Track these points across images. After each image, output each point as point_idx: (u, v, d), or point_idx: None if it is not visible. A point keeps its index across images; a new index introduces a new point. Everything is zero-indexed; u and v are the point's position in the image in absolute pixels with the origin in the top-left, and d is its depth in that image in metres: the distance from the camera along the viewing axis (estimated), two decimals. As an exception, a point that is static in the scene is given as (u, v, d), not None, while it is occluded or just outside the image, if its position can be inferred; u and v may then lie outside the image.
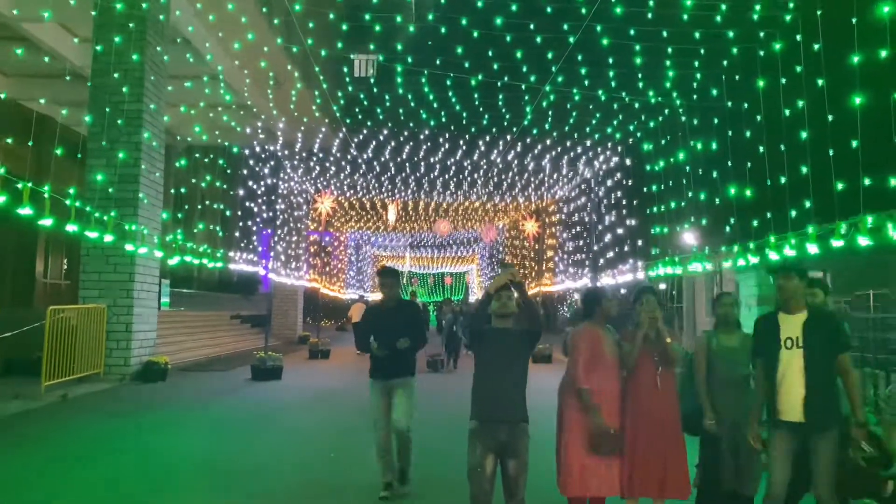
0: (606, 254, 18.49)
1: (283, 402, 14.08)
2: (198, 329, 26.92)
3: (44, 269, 30.19)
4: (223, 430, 11.17)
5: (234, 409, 13.33)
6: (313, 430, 11.31)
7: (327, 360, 23.73)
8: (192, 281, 47.22)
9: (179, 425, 10.76)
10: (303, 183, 23.23)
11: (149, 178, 16.87)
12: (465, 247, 55.62)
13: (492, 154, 19.47)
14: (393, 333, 6.95)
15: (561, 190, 24.22)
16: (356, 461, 8.94)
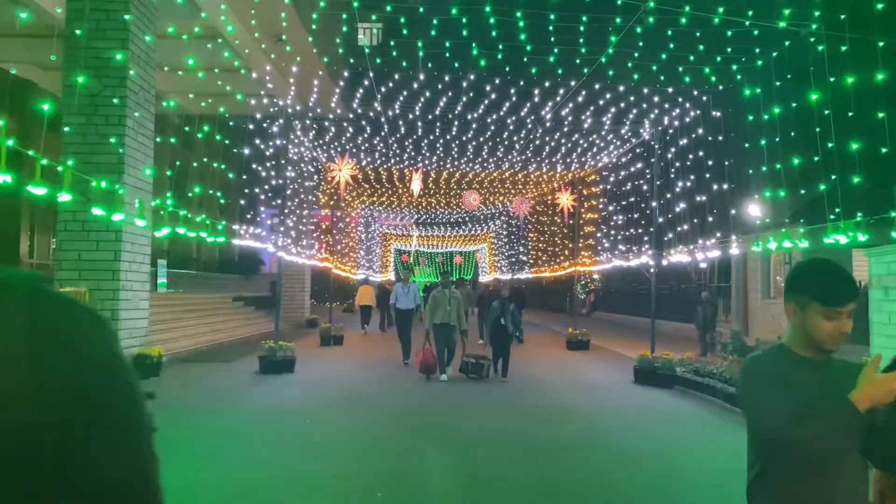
0: (677, 226, 16.03)
1: (300, 405, 11.84)
2: (198, 313, 25.02)
3: (29, 248, 27.87)
4: (229, 447, 8.78)
5: (241, 414, 11.07)
6: (347, 448, 8.94)
7: (341, 346, 22.33)
8: (191, 261, 45.66)
9: (174, 440, 8.30)
10: (314, 149, 20.68)
11: (138, 129, 14.46)
12: (480, 224, 53.15)
13: (538, 108, 16.94)
14: None
15: (611, 154, 21.68)
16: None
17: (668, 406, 12.94)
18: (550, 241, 36.43)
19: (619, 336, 27.98)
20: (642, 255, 17.93)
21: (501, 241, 55.58)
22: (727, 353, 15.70)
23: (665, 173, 17.02)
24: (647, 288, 38.98)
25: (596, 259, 23.07)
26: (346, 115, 18.78)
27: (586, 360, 19.61)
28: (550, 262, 34.56)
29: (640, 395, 14.16)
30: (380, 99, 16.10)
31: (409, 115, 17.23)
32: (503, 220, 50.43)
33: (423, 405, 12.02)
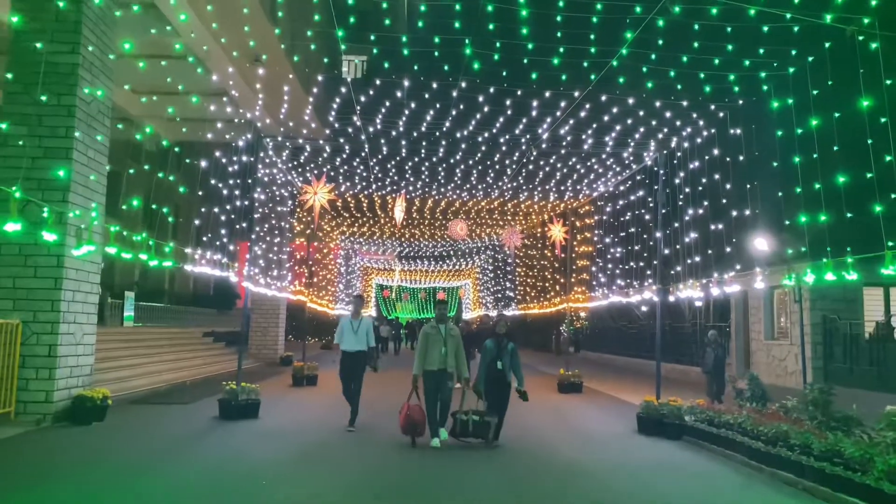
0: (687, 258, 14.62)
1: (258, 461, 10.19)
2: (162, 349, 23.47)
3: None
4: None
5: (186, 472, 9.38)
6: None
7: (315, 386, 20.67)
8: (163, 294, 43.88)
9: None
10: (288, 171, 19.05)
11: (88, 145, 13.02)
12: (465, 258, 51.69)
13: (535, 125, 15.54)
14: None
15: (609, 180, 20.26)
16: None
17: (682, 462, 11.39)
18: (539, 276, 34.97)
19: (610, 377, 26.52)
20: (644, 291, 16.48)
21: (487, 276, 54.05)
22: (744, 400, 14.23)
23: (671, 200, 15.66)
24: (636, 326, 38.09)
25: (591, 295, 21.59)
26: (321, 132, 17.35)
27: (581, 406, 18.02)
28: (539, 297, 33.07)
29: (648, 448, 12.59)
30: (359, 113, 14.64)
31: (391, 132, 15.75)
32: (489, 255, 49.00)
33: (401, 466, 10.32)
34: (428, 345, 11.41)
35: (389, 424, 12.85)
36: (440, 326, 11.50)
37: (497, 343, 11.64)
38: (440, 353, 11.25)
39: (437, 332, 11.46)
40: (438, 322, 11.61)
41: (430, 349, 11.37)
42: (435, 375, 11.34)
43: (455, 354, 11.35)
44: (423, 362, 11.36)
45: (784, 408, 12.54)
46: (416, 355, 11.53)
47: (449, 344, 11.36)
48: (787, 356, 21.86)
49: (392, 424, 13.30)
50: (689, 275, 14.89)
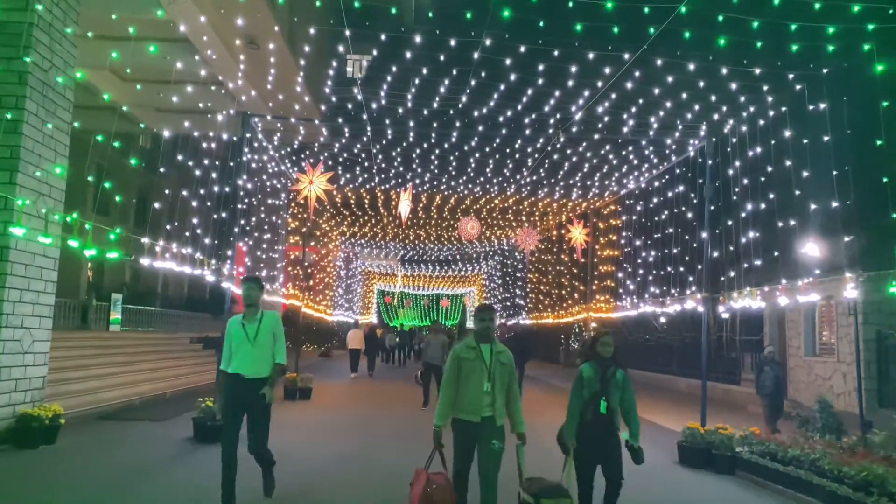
0: (745, 261, 12.63)
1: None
2: (144, 356, 21.94)
3: None
4: None
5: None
6: None
7: (308, 400, 18.77)
8: (155, 297, 42.19)
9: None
10: (280, 160, 17.04)
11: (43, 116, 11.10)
12: (472, 263, 49.66)
13: (568, 100, 13.51)
14: None
15: (644, 173, 18.16)
16: None
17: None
18: (555, 283, 32.90)
19: (630, 394, 24.38)
20: (686, 300, 14.46)
21: (494, 282, 51.94)
22: (813, 430, 12.23)
23: (722, 194, 13.67)
24: (654, 338, 36.07)
25: (617, 304, 19.57)
26: (316, 110, 15.37)
27: None
28: (554, 306, 31.01)
29: (695, 483, 10.66)
30: (360, 83, 12.63)
31: (398, 108, 13.68)
32: (498, 260, 46.91)
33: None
34: (461, 376, 6.74)
35: (389, 444, 10.86)
36: (482, 347, 6.79)
37: (599, 370, 7.04)
38: (483, 392, 6.63)
39: (478, 356, 6.74)
40: (480, 340, 6.85)
41: (465, 384, 6.71)
42: (474, 430, 6.61)
43: (508, 392, 6.79)
44: (454, 405, 6.77)
45: (868, 442, 10.59)
46: (441, 392, 6.90)
47: (498, 377, 6.70)
48: (832, 375, 19.81)
49: (389, 445, 11.36)
50: (744, 281, 12.89)
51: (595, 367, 7.07)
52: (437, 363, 16.81)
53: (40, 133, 11.36)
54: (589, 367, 7.10)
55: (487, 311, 7.09)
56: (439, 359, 16.85)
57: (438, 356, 16.91)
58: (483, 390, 6.62)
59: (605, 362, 7.08)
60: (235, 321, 7.76)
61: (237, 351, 7.58)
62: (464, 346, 6.89)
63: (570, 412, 7.01)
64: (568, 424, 6.97)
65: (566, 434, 6.96)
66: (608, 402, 6.89)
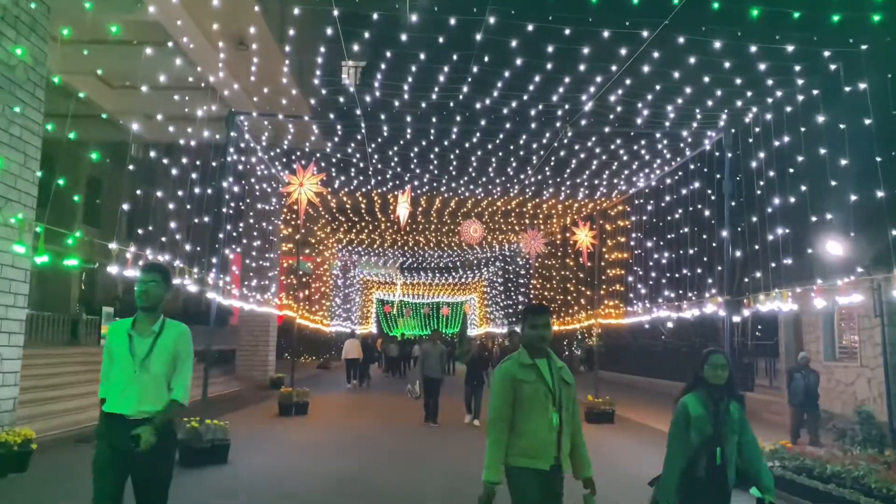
0: (772, 261, 11.72)
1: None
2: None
3: None
4: None
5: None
6: None
7: (304, 415, 17.71)
8: (150, 310, 40.99)
9: None
10: (271, 163, 16.07)
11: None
12: (472, 270, 48.69)
13: (577, 87, 12.57)
14: None
15: (656, 170, 17.20)
16: None
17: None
18: (559, 288, 31.93)
19: (637, 402, 23.63)
20: (705, 303, 13.53)
21: (496, 289, 50.94)
22: (851, 444, 11.27)
23: (744, 189, 12.76)
24: (660, 344, 35.12)
25: (627, 309, 18.70)
26: (304, 105, 14.44)
27: (619, 440, 15.06)
28: (559, 312, 30.07)
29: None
30: (354, 84, 11.71)
31: (394, 101, 12.73)
32: (499, 266, 45.94)
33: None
34: (519, 406, 4.74)
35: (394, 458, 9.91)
36: (539, 364, 4.81)
37: (710, 404, 5.00)
38: (551, 426, 4.69)
39: (538, 376, 4.77)
40: (535, 354, 4.86)
41: (524, 417, 4.72)
42: (543, 482, 4.69)
43: (573, 423, 4.86)
44: (508, 447, 4.71)
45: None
46: (490, 432, 4.73)
47: (566, 404, 4.80)
48: (855, 380, 18.83)
49: (394, 459, 10.40)
50: (771, 282, 11.95)
51: (704, 401, 4.96)
52: (436, 375, 15.77)
53: (6, 134, 10.46)
54: (695, 401, 4.99)
55: (541, 313, 4.92)
56: (438, 370, 15.84)
57: (437, 368, 15.88)
58: (551, 424, 4.62)
59: (716, 392, 4.97)
60: (119, 328, 5.05)
61: (117, 376, 4.92)
62: (516, 364, 4.79)
63: (670, 464, 4.99)
64: (667, 480, 5.00)
65: (664, 495, 4.99)
66: (724, 451, 4.90)
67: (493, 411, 4.73)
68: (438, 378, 15.68)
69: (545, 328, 4.85)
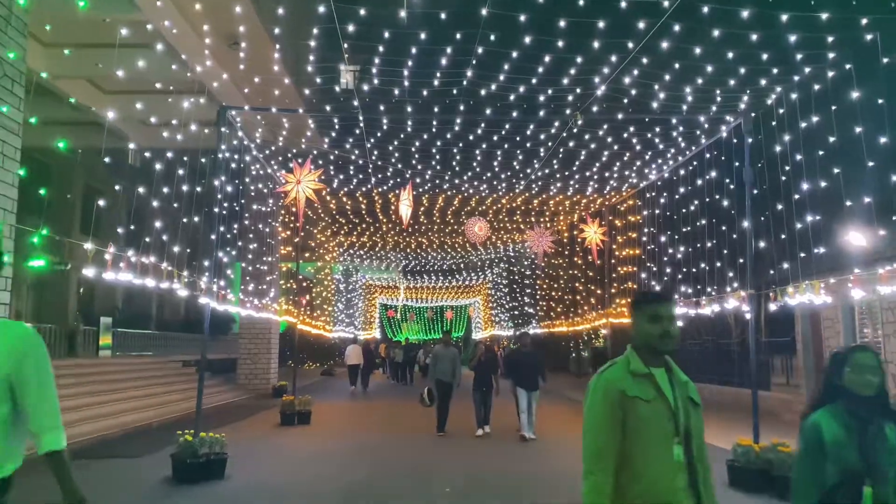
0: (802, 251, 10.99)
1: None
2: (132, 383, 20.46)
3: None
4: None
5: None
6: None
7: (307, 425, 17.05)
8: (150, 319, 40.65)
9: None
10: (267, 162, 15.33)
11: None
12: (476, 272, 47.93)
13: (580, 88, 11.90)
14: None
15: (666, 164, 16.46)
16: None
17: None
18: (567, 288, 31.18)
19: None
20: (727, 299, 12.76)
21: (501, 291, 50.13)
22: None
23: (772, 175, 12.02)
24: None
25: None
26: (297, 98, 13.71)
27: None
28: (568, 313, 29.33)
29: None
30: (347, 58, 10.96)
31: (393, 89, 11.97)
32: (504, 267, 45.16)
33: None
34: (631, 432, 3.21)
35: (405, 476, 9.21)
36: (656, 374, 3.35)
37: (856, 425, 3.48)
38: (674, 462, 3.18)
39: (657, 392, 3.29)
40: (650, 361, 3.38)
41: (638, 447, 3.20)
42: None
43: (704, 462, 3.31)
44: (617, 495, 3.19)
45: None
46: (585, 471, 3.22)
47: (694, 431, 3.28)
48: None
49: (405, 477, 9.68)
50: (801, 274, 11.22)
51: (845, 420, 3.52)
52: (448, 379, 14.99)
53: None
54: (832, 421, 3.55)
55: (665, 302, 3.42)
56: (449, 374, 14.95)
57: (448, 372, 14.97)
58: (673, 458, 3.18)
59: (863, 408, 3.52)
60: None
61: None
62: (623, 373, 3.33)
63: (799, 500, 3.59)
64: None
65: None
66: (876, 487, 3.38)
67: (590, 442, 3.23)
68: (450, 382, 14.88)
69: (670, 322, 3.34)
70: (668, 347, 3.36)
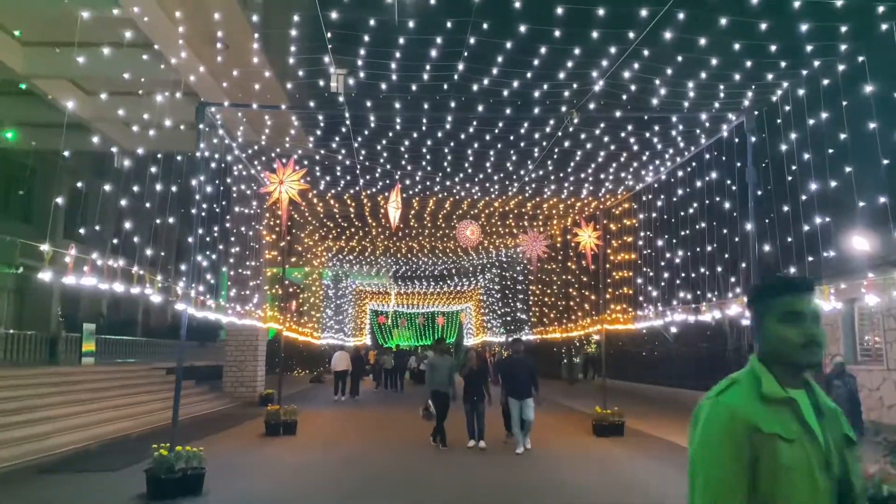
0: (809, 255, 10.50)
1: None
2: (113, 392, 19.68)
3: None
4: None
5: None
6: None
7: (293, 436, 16.38)
8: (136, 326, 39.93)
9: None
10: (250, 163, 14.66)
11: None
12: (468, 277, 47.31)
13: (577, 83, 11.38)
14: None
15: (663, 166, 15.93)
16: None
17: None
18: (560, 294, 30.64)
19: (646, 411, 22.40)
20: (730, 305, 12.21)
21: (492, 296, 49.51)
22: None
23: (777, 175, 11.53)
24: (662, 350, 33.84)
25: (637, 313, 17.38)
26: (280, 93, 13.11)
27: (634, 458, 13.77)
28: (561, 319, 28.79)
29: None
30: (331, 51, 10.38)
31: (380, 84, 11.40)
32: (495, 273, 44.59)
33: None
34: (774, 487, 2.17)
35: None
36: (798, 399, 2.30)
37: None
38: None
39: (801, 429, 2.25)
40: (788, 378, 2.33)
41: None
42: None
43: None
44: None
45: None
46: None
47: (855, 478, 2.26)
48: (881, 384, 17.57)
49: None
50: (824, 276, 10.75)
51: None
52: (446, 390, 14.13)
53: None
54: None
55: (806, 291, 2.39)
56: (447, 385, 14.14)
57: (446, 381, 14.15)
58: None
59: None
60: None
61: None
62: (751, 397, 2.31)
63: None
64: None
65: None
66: None
67: (704, 498, 2.25)
68: (448, 393, 14.11)
69: (815, 323, 2.35)
70: (814, 360, 2.33)
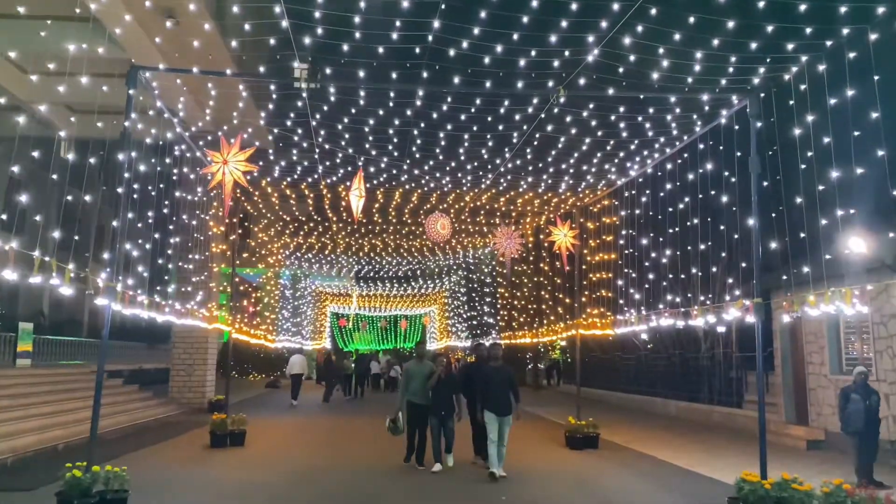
0: (825, 252, 9.40)
1: None
2: (44, 398, 18.01)
3: None
4: None
5: None
6: None
7: (241, 447, 15.02)
8: (81, 326, 37.97)
9: None
10: (194, 143, 13.07)
11: None
12: (433, 279, 45.89)
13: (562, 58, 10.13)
14: None
15: (652, 155, 14.69)
16: None
17: None
18: (532, 297, 29.46)
19: (619, 421, 21.44)
20: (726, 309, 11.07)
21: (458, 299, 48.14)
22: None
23: (787, 165, 10.43)
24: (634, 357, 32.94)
25: (616, 318, 16.14)
26: (225, 56, 11.68)
27: (611, 474, 12.61)
28: (532, 323, 27.63)
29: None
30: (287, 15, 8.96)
31: (341, 49, 10.00)
32: (462, 275, 43.31)
33: None
34: None
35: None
36: None
37: None
38: None
39: None
40: None
41: None
42: None
43: None
44: None
45: None
46: None
47: None
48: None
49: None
50: (826, 280, 9.63)
51: None
52: (423, 401, 12.45)
53: None
54: None
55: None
56: (425, 396, 12.44)
57: (423, 392, 12.46)
58: None
59: None
60: None
61: None
62: None
63: None
64: None
65: None
66: None
67: None
68: (425, 405, 12.44)
69: None
70: None
